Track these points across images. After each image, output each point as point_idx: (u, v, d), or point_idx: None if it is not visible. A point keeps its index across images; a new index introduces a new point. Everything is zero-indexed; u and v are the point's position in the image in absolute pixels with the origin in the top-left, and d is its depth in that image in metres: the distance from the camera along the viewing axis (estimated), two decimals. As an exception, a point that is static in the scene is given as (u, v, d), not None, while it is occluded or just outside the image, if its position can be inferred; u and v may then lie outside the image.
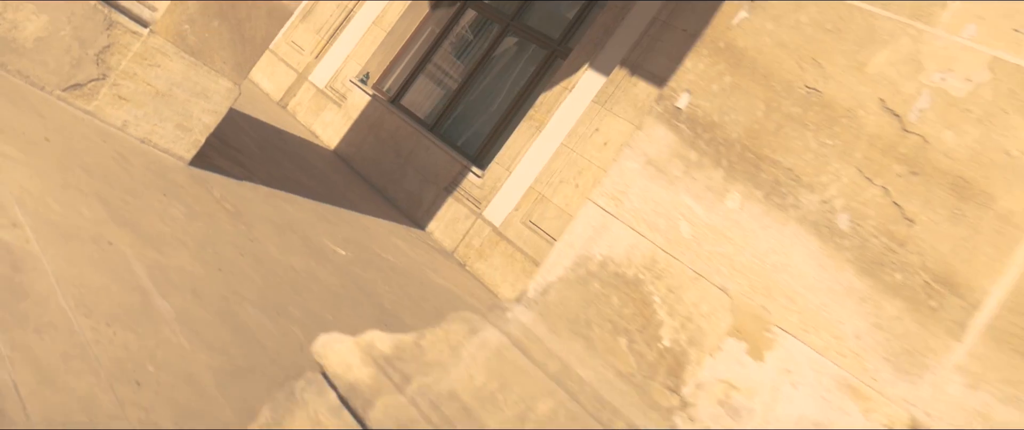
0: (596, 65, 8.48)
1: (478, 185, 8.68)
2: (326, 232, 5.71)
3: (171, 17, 4.53)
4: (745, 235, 1.92)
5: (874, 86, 1.86)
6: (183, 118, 4.77)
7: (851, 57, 1.91)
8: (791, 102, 1.96)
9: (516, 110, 9.18)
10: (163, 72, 4.61)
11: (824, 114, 1.90)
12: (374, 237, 6.68)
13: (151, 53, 4.53)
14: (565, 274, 2.14)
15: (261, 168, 6.13)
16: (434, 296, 6.14)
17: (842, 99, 1.89)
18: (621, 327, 2.00)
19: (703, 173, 2.02)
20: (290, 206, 5.69)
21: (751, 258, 1.89)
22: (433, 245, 8.24)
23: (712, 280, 1.92)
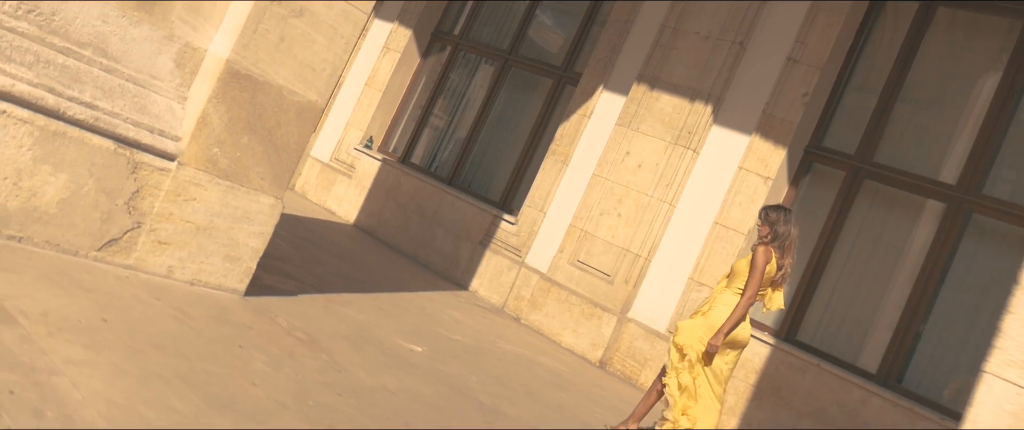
0: (611, 85, 8.01)
1: (514, 232, 8.17)
2: (393, 328, 5.19)
3: (198, 143, 4.01)
4: None
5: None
6: (229, 248, 4.24)
7: None
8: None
9: (534, 147, 8.69)
10: (200, 204, 4.08)
11: None
12: (433, 317, 6.16)
13: (184, 187, 4.01)
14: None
15: (304, 271, 5.61)
16: (515, 370, 5.63)
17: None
18: None
19: None
20: (349, 309, 5.17)
21: None
22: (482, 305, 7.72)
23: None
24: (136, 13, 3.83)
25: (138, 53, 3.88)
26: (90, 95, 3.69)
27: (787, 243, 4.59)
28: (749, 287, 4.47)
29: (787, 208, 4.74)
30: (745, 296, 4.48)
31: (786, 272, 4.63)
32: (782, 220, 4.61)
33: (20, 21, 3.51)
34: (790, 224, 4.61)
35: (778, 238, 4.59)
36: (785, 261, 4.59)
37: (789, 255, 4.62)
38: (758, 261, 4.48)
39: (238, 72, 4.04)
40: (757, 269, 4.47)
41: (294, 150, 4.38)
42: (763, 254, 4.49)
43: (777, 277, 4.61)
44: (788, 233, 4.60)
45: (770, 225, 4.62)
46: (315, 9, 4.22)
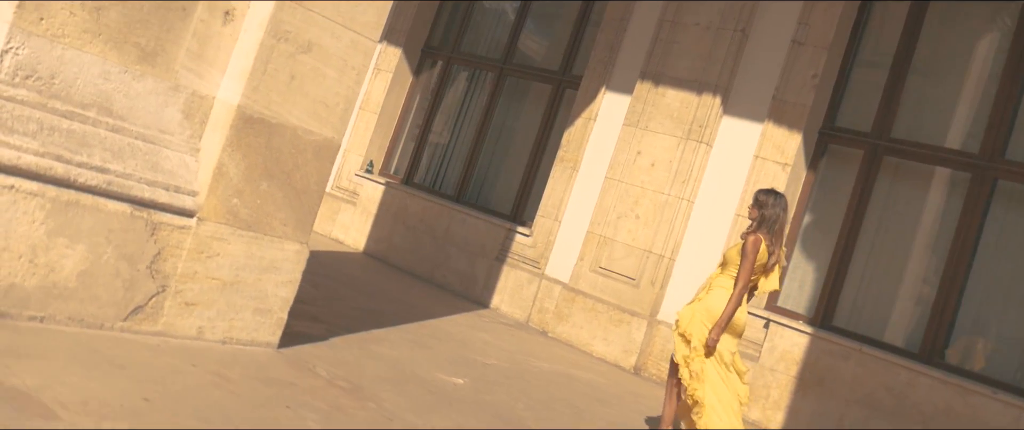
0: (613, 86, 7.81)
1: (529, 244, 7.95)
2: (430, 362, 4.97)
3: (216, 196, 3.77)
4: None
5: None
6: (258, 301, 4.00)
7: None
8: None
9: (540, 155, 8.47)
10: (225, 259, 3.84)
11: None
12: (464, 343, 5.94)
13: (206, 244, 3.77)
14: None
15: (328, 310, 5.37)
16: (556, 389, 5.41)
17: None
18: None
19: None
20: (382, 347, 4.94)
21: None
22: (506, 322, 7.50)
23: None
24: (138, 66, 3.59)
25: (144, 108, 3.65)
26: (100, 158, 3.45)
27: (776, 227, 4.48)
28: (741, 276, 4.38)
29: (779, 192, 4.61)
30: (738, 287, 4.39)
31: (778, 258, 4.51)
32: (770, 203, 4.50)
33: (18, 88, 3.27)
34: (779, 208, 4.50)
35: (766, 222, 4.48)
36: (776, 247, 4.49)
37: (780, 240, 4.51)
38: (748, 250, 4.39)
39: (251, 117, 3.81)
40: (747, 258, 4.38)
41: (315, 191, 4.15)
42: (752, 243, 4.40)
43: (769, 263, 4.50)
44: (776, 216, 4.48)
45: (758, 207, 4.53)
46: (323, 43, 3.99)
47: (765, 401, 6.50)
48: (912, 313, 6.58)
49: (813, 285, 6.93)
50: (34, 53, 3.29)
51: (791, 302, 6.97)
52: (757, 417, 6.50)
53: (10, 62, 3.24)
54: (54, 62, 3.35)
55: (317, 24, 3.94)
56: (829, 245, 6.87)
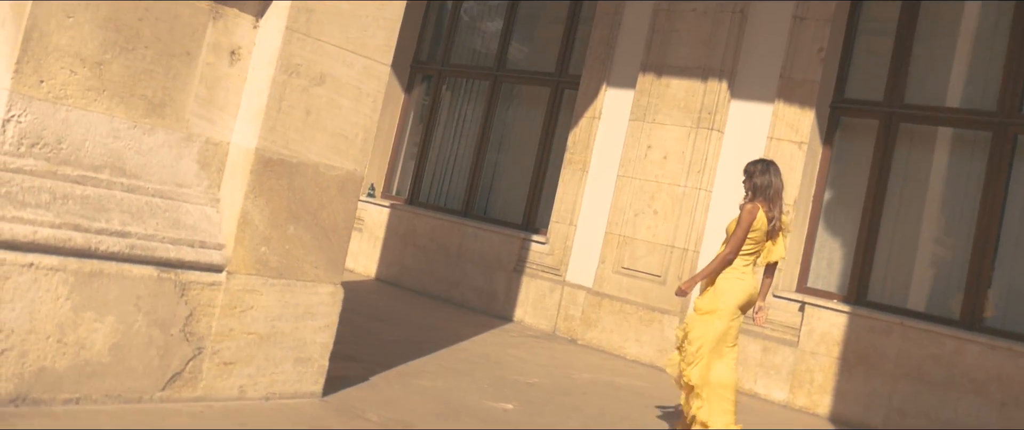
0: (614, 82, 7.61)
1: (547, 252, 7.74)
2: (474, 389, 4.75)
3: (243, 246, 3.54)
4: None
5: None
6: (297, 350, 3.77)
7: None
8: None
9: (546, 160, 8.26)
10: (259, 312, 3.61)
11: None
12: (500, 363, 5.72)
13: (239, 298, 3.53)
14: None
15: (360, 347, 5.14)
16: (603, 401, 5.20)
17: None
18: None
19: None
20: (424, 380, 4.72)
21: None
22: (533, 334, 7.28)
23: None
24: (147, 120, 3.36)
25: (158, 163, 3.41)
26: (119, 222, 3.21)
27: (771, 193, 4.47)
28: (733, 240, 4.41)
29: (767, 160, 4.61)
30: (728, 247, 4.42)
31: (779, 224, 4.48)
32: (759, 171, 4.52)
33: (25, 158, 3.03)
34: (768, 174, 4.50)
35: (759, 190, 4.47)
36: (775, 213, 4.46)
37: (778, 206, 4.48)
38: (743, 217, 4.42)
39: (270, 159, 3.58)
40: (742, 224, 4.41)
41: (343, 228, 3.92)
42: (748, 210, 4.41)
43: (771, 229, 4.47)
44: (768, 183, 4.48)
45: (748, 177, 4.55)
46: (335, 73, 3.76)
47: (810, 386, 6.31)
48: (947, 279, 6.42)
49: (842, 262, 6.76)
50: (38, 119, 3.05)
51: (821, 282, 6.80)
52: (803, 403, 6.32)
53: (13, 131, 3.00)
54: (59, 126, 3.11)
55: (327, 54, 3.72)
56: (854, 220, 6.70)
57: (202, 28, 3.47)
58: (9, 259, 2.89)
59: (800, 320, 6.45)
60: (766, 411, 6.03)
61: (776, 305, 6.59)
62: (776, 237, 4.53)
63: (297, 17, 3.58)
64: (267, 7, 3.64)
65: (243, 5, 3.59)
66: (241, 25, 3.60)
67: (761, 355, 6.52)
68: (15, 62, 2.99)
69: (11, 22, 3.05)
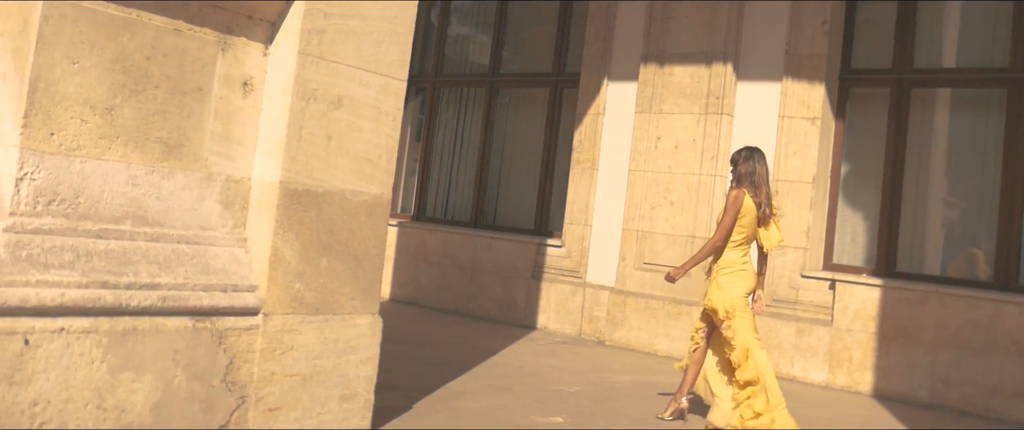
0: (615, 75, 7.45)
1: (564, 255, 7.57)
2: (518, 405, 4.58)
3: (277, 285, 3.35)
4: None
5: None
6: (342, 387, 3.59)
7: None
8: None
9: (552, 162, 8.09)
10: (300, 352, 3.43)
11: None
12: (536, 374, 5.55)
13: (278, 339, 3.35)
14: None
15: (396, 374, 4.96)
16: (650, 403, 5.04)
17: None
18: None
19: None
20: (466, 400, 4.54)
21: None
22: (561, 339, 7.12)
23: None
24: (165, 163, 3.17)
25: (180, 207, 3.22)
26: (147, 274, 3.02)
27: (755, 179, 4.50)
28: (721, 226, 4.44)
29: (751, 147, 4.63)
30: (717, 233, 4.45)
31: (768, 210, 4.49)
32: (743, 159, 4.56)
33: (43, 218, 2.84)
34: (752, 161, 4.53)
35: (744, 177, 4.51)
36: (762, 199, 4.48)
37: (763, 191, 4.48)
38: (729, 204, 4.46)
39: (296, 191, 3.40)
40: (729, 212, 4.44)
41: (375, 255, 3.74)
42: (734, 197, 4.45)
43: (760, 215, 4.48)
44: (753, 170, 4.51)
45: (733, 167, 4.60)
46: (353, 94, 3.58)
47: (849, 364, 6.17)
48: (975, 243, 6.29)
49: (866, 235, 6.62)
50: (52, 174, 2.86)
51: (847, 257, 6.66)
52: (844, 382, 6.17)
53: (28, 190, 2.80)
54: (75, 179, 2.92)
55: (343, 75, 3.54)
56: (874, 191, 6.57)
57: (211, 61, 3.28)
58: (39, 326, 2.70)
59: (831, 298, 6.31)
60: (808, 394, 5.88)
61: (805, 285, 6.44)
62: (768, 224, 4.55)
63: (309, 40, 3.40)
64: (276, 33, 3.45)
65: (251, 33, 3.41)
66: (251, 54, 3.41)
67: (796, 337, 6.37)
68: (23, 116, 2.80)
69: (14, 74, 2.86)
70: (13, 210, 2.77)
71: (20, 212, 2.79)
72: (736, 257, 4.47)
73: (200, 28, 3.24)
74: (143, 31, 3.07)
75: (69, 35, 2.88)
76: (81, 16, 2.91)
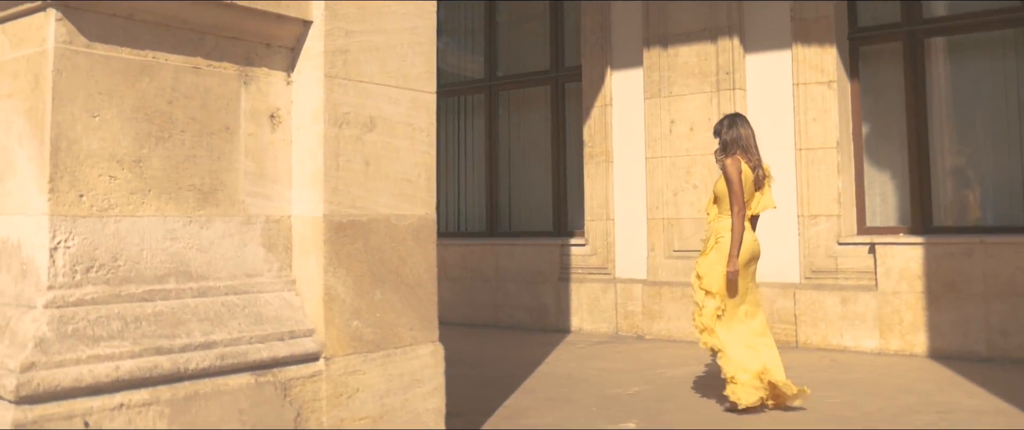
0: (618, 64, 7.26)
1: (589, 252, 7.36)
2: (584, 414, 4.37)
3: (335, 326, 3.13)
4: None
5: None
6: (413, 422, 3.36)
7: None
8: None
9: (562, 160, 7.89)
10: (367, 393, 3.20)
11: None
12: (589, 380, 5.33)
13: (343, 383, 3.12)
14: None
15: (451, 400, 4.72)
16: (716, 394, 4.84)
17: None
18: None
19: None
20: (531, 418, 4.33)
21: None
22: (599, 339, 6.91)
23: None
24: (201, 211, 2.93)
25: (222, 256, 2.99)
26: (201, 333, 2.79)
27: (743, 144, 4.43)
28: (734, 203, 4.33)
29: (731, 115, 4.61)
30: (735, 213, 4.33)
31: (762, 172, 4.41)
32: (725, 127, 4.49)
33: (84, 287, 2.60)
34: (736, 127, 4.46)
35: (731, 145, 4.43)
36: (756, 163, 4.40)
37: (754, 154, 4.45)
38: (731, 175, 4.35)
39: (341, 223, 3.17)
40: (733, 182, 4.33)
41: (428, 279, 3.52)
42: (732, 165, 4.36)
43: (757, 178, 4.42)
44: (738, 135, 4.44)
45: (718, 137, 4.54)
46: (384, 113, 3.36)
47: (900, 327, 5.99)
48: (1011, 186, 6.13)
49: (896, 194, 6.46)
50: (87, 239, 2.63)
51: (879, 219, 6.49)
52: (897, 346, 6.00)
53: (64, 259, 2.57)
54: (112, 241, 2.69)
55: (372, 94, 3.32)
56: (898, 148, 6.41)
57: (235, 96, 3.06)
58: (97, 405, 2.47)
59: (873, 262, 6.13)
60: (863, 363, 5.70)
61: (843, 253, 6.27)
62: (763, 186, 4.47)
63: (334, 61, 3.18)
64: (297, 58, 3.23)
65: (272, 62, 3.18)
66: (274, 84, 3.19)
67: (841, 307, 6.19)
68: (48, 180, 2.56)
69: (31, 136, 2.62)
70: (52, 283, 2.54)
71: (59, 284, 2.55)
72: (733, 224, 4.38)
73: (219, 63, 3.02)
74: (161, 73, 2.85)
75: (85, 86, 2.65)
76: (95, 65, 2.68)
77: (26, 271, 2.61)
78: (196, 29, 2.95)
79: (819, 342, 6.27)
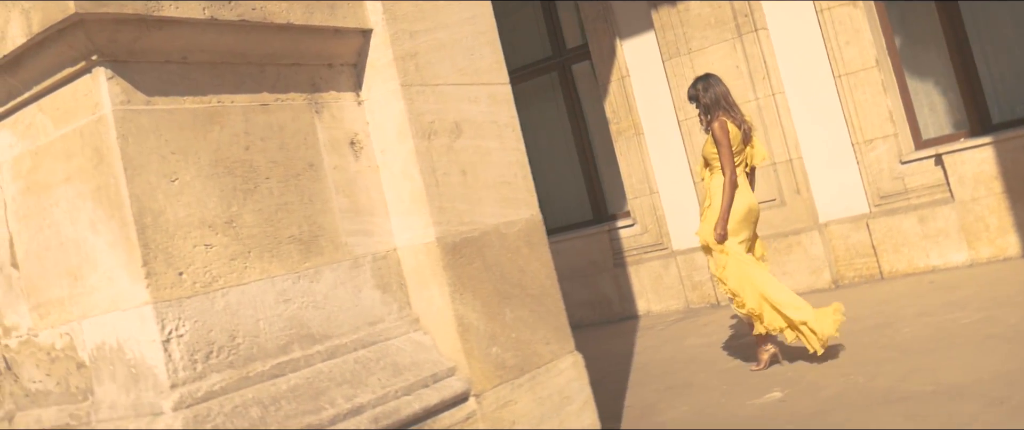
0: (627, 33, 6.92)
1: (640, 231, 7.02)
2: (720, 398, 4.01)
3: (475, 358, 2.74)
4: None
5: None
6: (573, 446, 3.00)
7: None
8: None
9: (587, 143, 7.53)
10: (524, 423, 2.82)
11: None
12: (696, 359, 4.98)
13: (499, 418, 2.74)
14: None
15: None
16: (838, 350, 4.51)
17: None
18: None
19: None
20: (664, 414, 3.97)
21: None
22: (675, 316, 6.56)
23: None
24: (306, 264, 2.55)
25: (339, 309, 2.61)
26: (343, 399, 2.40)
27: (723, 103, 4.35)
28: (725, 164, 4.27)
29: (703, 76, 4.49)
30: (726, 175, 4.27)
31: (748, 127, 4.39)
32: (702, 89, 4.41)
33: (208, 377, 2.21)
34: (712, 88, 4.38)
35: (712, 106, 4.35)
36: (738, 118, 4.35)
37: (735, 110, 4.37)
38: (719, 138, 4.27)
39: (454, 244, 2.80)
40: (722, 144, 4.26)
41: (549, 286, 3.15)
42: (719, 128, 4.27)
43: (744, 133, 4.36)
44: (715, 96, 4.36)
45: (696, 101, 4.45)
46: (467, 115, 3.00)
47: (987, 233, 5.69)
48: None
49: (945, 100, 6.16)
50: (198, 321, 2.24)
51: (933, 130, 6.20)
52: (989, 253, 5.69)
53: (180, 351, 2.18)
54: (223, 317, 2.30)
55: (449, 97, 2.95)
56: (937, 55, 6.11)
57: (311, 128, 2.68)
58: (264, 509, 2.08)
59: (942, 174, 5.83)
60: (962, 278, 5.39)
61: (908, 171, 5.96)
62: (751, 140, 4.42)
63: (406, 68, 2.81)
64: (362, 74, 2.86)
65: (337, 83, 2.81)
66: (346, 108, 2.81)
67: (920, 227, 5.88)
68: (141, 264, 2.17)
69: (108, 218, 2.23)
70: (173, 381, 2.15)
71: (182, 380, 2.16)
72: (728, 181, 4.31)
73: (285, 95, 2.64)
74: (230, 118, 2.46)
75: (156, 149, 2.27)
76: (160, 122, 2.29)
77: (138, 375, 2.21)
78: (254, 62, 2.57)
79: (905, 268, 5.95)
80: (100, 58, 2.21)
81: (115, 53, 2.23)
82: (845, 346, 4.37)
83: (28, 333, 2.56)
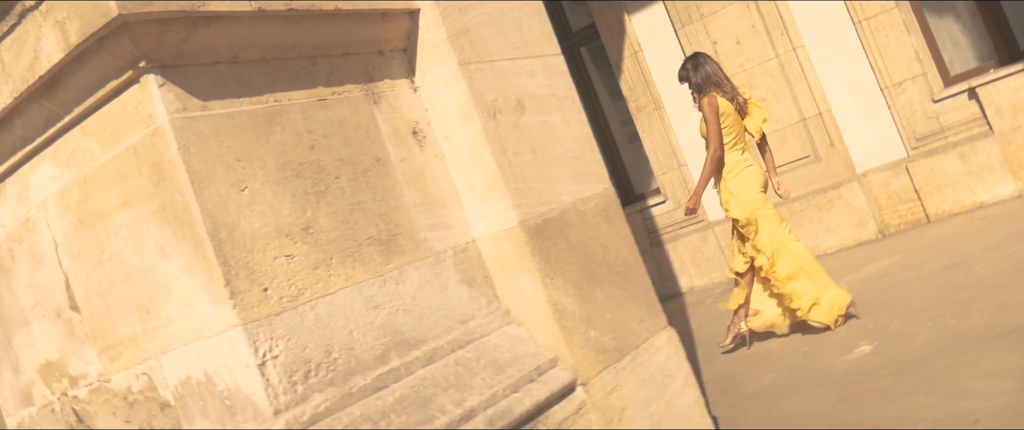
0: (636, 6, 6.73)
1: (671, 208, 6.82)
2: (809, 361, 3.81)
3: (575, 345, 2.53)
4: None
5: None
6: (680, 420, 2.78)
7: None
8: None
9: (605, 125, 7.34)
10: (633, 408, 2.60)
11: None
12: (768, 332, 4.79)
13: (608, 405, 2.53)
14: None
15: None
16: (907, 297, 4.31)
17: None
18: None
19: None
20: (746, 384, 3.76)
21: None
22: (722, 290, 6.36)
23: None
24: (390, 265, 2.34)
25: (428, 309, 2.39)
26: (453, 403, 2.19)
27: (714, 79, 4.33)
28: (712, 140, 4.27)
29: (692, 55, 4.47)
30: (711, 149, 4.28)
31: (742, 99, 4.37)
32: (691, 69, 4.39)
33: (311, 399, 2.00)
34: (701, 66, 4.36)
35: (704, 84, 4.33)
36: (730, 92, 4.34)
37: (727, 85, 4.35)
38: (707, 114, 4.27)
39: (537, 226, 2.59)
40: (712, 122, 4.27)
41: (633, 260, 2.94)
42: (708, 104, 4.27)
43: (738, 106, 4.34)
44: (706, 74, 4.33)
45: (687, 81, 4.43)
46: (526, 90, 2.78)
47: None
48: None
49: (968, 34, 5.99)
50: (290, 339, 2.02)
51: (960, 65, 6.02)
52: None
53: (276, 373, 1.96)
54: (315, 331, 2.08)
55: (507, 73, 2.74)
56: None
57: (372, 121, 2.46)
58: None
59: (978, 107, 5.65)
60: (1015, 211, 5.21)
61: (942, 109, 5.78)
62: (747, 111, 4.40)
63: (461, 45, 2.60)
64: (413, 58, 2.65)
65: (391, 70, 2.59)
66: (402, 96, 2.60)
67: (962, 164, 5.70)
68: (223, 284, 1.95)
69: (178, 239, 2.01)
70: (276, 407, 1.93)
71: (284, 405, 1.95)
72: (736, 158, 4.29)
73: (341, 87, 2.43)
74: (290, 117, 2.25)
75: (221, 157, 2.05)
76: (221, 128, 2.08)
77: (233, 406, 1.99)
78: (305, 55, 2.35)
79: (951, 208, 5.77)
80: (148, 65, 1.99)
81: (163, 57, 2.02)
82: (918, 290, 4.18)
83: (99, 379, 2.34)
